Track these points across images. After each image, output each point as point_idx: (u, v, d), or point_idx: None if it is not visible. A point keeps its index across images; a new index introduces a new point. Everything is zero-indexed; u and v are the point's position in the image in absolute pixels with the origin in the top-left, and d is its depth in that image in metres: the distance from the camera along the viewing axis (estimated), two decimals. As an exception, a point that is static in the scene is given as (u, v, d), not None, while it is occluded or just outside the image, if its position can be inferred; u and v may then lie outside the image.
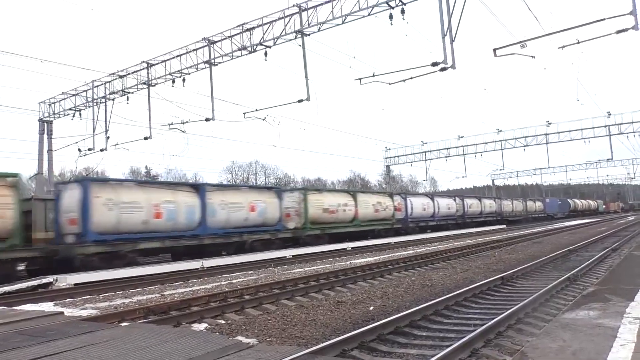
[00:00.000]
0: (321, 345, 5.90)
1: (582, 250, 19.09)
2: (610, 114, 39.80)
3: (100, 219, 16.58)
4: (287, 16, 19.23)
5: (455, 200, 43.44)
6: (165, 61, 22.95)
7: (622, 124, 39.54)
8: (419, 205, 36.53)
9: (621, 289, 7.45)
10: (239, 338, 6.74)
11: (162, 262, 19.11)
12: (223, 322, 8.43)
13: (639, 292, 7.17)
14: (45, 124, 28.44)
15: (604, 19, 13.86)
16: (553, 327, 5.40)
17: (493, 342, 6.26)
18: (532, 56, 15.45)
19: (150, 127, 24.19)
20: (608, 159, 47.04)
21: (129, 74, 24.31)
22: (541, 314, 7.83)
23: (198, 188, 20.76)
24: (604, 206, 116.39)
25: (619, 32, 13.84)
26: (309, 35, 19.09)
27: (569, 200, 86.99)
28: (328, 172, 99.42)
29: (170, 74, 22.88)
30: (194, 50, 21.91)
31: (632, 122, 39.06)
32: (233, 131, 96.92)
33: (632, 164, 60.91)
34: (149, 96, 23.90)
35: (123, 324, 7.81)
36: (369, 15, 17.61)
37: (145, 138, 24.48)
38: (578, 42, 14.90)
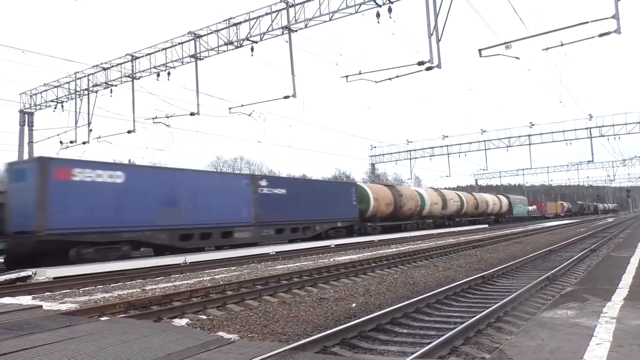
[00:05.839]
0: (302, 341, 5.90)
1: (562, 250, 19.35)
2: (591, 117, 40.54)
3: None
4: (274, 12, 19.17)
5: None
6: (150, 54, 22.72)
7: (602, 126, 40.25)
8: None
9: (598, 289, 7.57)
10: (220, 333, 6.72)
11: (144, 257, 18.91)
12: (204, 317, 8.39)
13: (615, 292, 7.29)
14: (26, 116, 27.97)
15: (587, 22, 14.03)
16: (531, 325, 5.47)
17: (473, 339, 6.33)
18: (516, 57, 15.62)
19: (134, 121, 24.01)
20: (589, 161, 47.79)
21: (112, 66, 24.01)
22: (520, 313, 7.93)
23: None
24: (532, 207, 72.05)
25: (601, 35, 14.00)
26: (295, 31, 19.05)
27: (398, 188, 36.62)
28: (313, 169, 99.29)
29: (155, 67, 22.66)
30: (179, 43, 21.74)
31: (613, 125, 39.79)
32: (218, 126, 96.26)
33: (612, 166, 61.96)
34: (133, 89, 23.67)
35: (103, 319, 7.73)
36: (356, 12, 17.63)
37: (129, 131, 24.26)
38: (562, 45, 15.09)
